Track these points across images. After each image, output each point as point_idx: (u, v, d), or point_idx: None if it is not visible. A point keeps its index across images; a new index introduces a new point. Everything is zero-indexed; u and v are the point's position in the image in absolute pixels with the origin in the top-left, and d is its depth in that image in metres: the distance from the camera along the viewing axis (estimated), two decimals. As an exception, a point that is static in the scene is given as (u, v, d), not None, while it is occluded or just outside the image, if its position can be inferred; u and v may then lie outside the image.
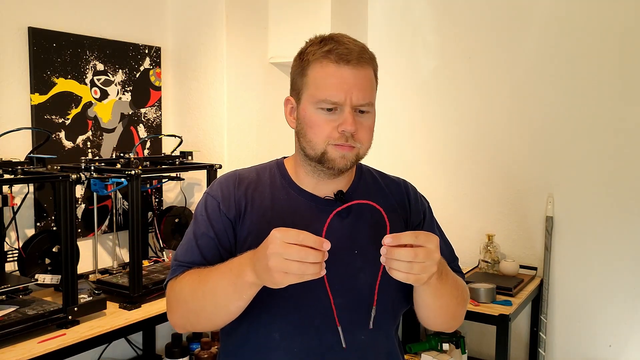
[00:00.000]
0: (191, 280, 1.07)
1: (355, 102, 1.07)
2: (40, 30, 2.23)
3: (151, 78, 2.70)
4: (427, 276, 0.95)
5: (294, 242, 0.89)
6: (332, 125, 1.07)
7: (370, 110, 1.11)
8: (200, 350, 2.58)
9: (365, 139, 1.10)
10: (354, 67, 1.07)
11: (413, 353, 2.67)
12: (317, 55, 1.09)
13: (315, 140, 1.10)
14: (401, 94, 3.06)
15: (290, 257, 0.89)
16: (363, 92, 1.08)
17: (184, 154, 2.56)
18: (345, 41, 1.10)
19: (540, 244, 2.74)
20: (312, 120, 1.09)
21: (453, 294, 1.13)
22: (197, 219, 1.16)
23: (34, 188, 2.21)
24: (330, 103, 1.07)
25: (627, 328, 2.55)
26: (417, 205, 1.24)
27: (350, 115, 1.06)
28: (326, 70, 1.08)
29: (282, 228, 0.92)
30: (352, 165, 1.11)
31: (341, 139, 1.07)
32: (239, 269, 0.99)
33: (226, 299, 1.03)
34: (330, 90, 1.07)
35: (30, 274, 2.04)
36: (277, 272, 0.90)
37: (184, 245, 1.16)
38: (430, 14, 2.97)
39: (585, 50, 2.60)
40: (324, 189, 1.16)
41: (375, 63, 1.14)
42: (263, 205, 1.15)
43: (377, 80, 1.17)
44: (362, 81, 1.08)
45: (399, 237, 0.93)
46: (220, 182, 1.19)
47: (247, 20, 2.77)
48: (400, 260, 0.92)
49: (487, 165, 2.86)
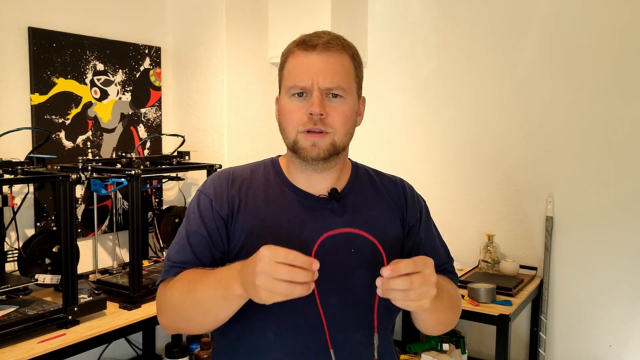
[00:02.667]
0: (181, 287, 1.07)
1: (322, 85, 1.07)
2: (40, 30, 2.23)
3: (151, 78, 2.70)
4: (428, 301, 0.94)
5: (283, 262, 0.88)
6: (302, 111, 1.08)
7: (344, 96, 1.09)
8: (200, 350, 2.58)
9: (338, 124, 1.09)
10: (321, 52, 1.08)
11: (413, 353, 2.67)
12: (290, 48, 1.13)
13: (287, 128, 1.11)
14: (401, 94, 3.07)
15: (278, 276, 0.87)
16: (331, 76, 1.07)
17: (181, 154, 2.56)
18: (319, 33, 1.12)
19: (540, 244, 2.74)
20: (286, 108, 1.11)
21: (448, 307, 1.14)
22: (190, 217, 1.15)
23: (34, 188, 2.21)
24: (298, 88, 1.08)
25: (627, 328, 2.55)
26: (414, 204, 1.24)
27: (317, 98, 1.06)
28: (296, 60, 1.10)
29: (272, 246, 0.90)
30: (326, 153, 1.09)
31: (310, 123, 1.07)
32: (227, 281, 0.98)
33: (215, 309, 1.03)
34: (299, 76, 1.08)
35: (30, 274, 2.04)
36: (264, 291, 0.88)
37: (176, 244, 1.15)
38: (430, 14, 2.97)
39: (585, 50, 2.60)
40: (318, 186, 1.16)
41: (352, 52, 1.13)
42: (257, 203, 1.14)
43: (359, 73, 1.15)
44: (331, 65, 1.08)
45: (397, 269, 0.92)
46: (214, 179, 1.18)
47: (247, 20, 2.77)
48: (397, 290, 0.92)
49: (487, 165, 2.86)
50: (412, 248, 1.21)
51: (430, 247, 1.23)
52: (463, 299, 2.37)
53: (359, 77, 1.15)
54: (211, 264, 1.12)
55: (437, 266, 1.22)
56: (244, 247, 1.11)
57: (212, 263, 1.12)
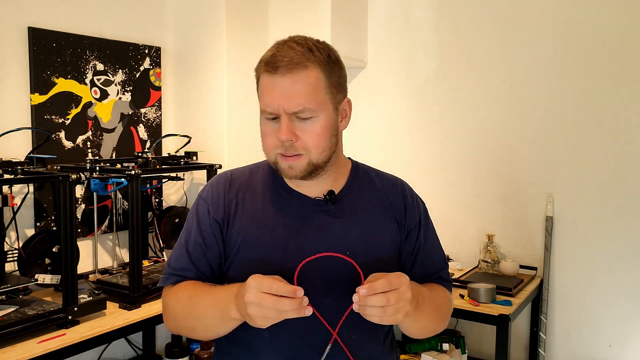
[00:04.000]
0: (182, 300, 1.11)
1: (287, 110, 1.05)
2: (40, 30, 2.23)
3: (151, 78, 2.70)
4: (402, 315, 0.98)
5: (268, 292, 0.93)
6: (276, 135, 1.07)
7: (313, 115, 1.06)
8: (200, 350, 2.58)
9: (311, 145, 1.07)
10: (283, 74, 1.04)
11: (413, 353, 2.67)
12: (258, 66, 1.11)
13: (266, 149, 1.12)
14: (401, 94, 3.06)
15: (266, 306, 0.93)
16: (295, 99, 1.04)
17: (188, 154, 2.57)
18: (285, 47, 1.06)
19: (540, 244, 2.74)
20: (262, 130, 1.12)
21: (431, 316, 1.15)
22: (189, 224, 1.18)
23: (34, 188, 2.21)
24: (268, 113, 1.08)
25: (627, 328, 2.55)
26: (413, 208, 1.23)
27: (285, 124, 1.05)
28: (263, 82, 1.09)
29: (258, 276, 0.95)
30: (305, 173, 1.09)
31: (282, 148, 1.07)
32: (225, 303, 1.03)
33: (215, 326, 1.09)
34: (266, 100, 1.08)
35: (30, 274, 2.04)
36: (258, 318, 0.95)
37: (176, 250, 1.19)
38: (430, 14, 2.97)
39: (585, 51, 2.60)
40: (314, 188, 1.16)
41: (323, 62, 1.06)
42: (254, 206, 1.15)
43: (335, 79, 1.09)
44: (294, 87, 1.04)
45: (373, 287, 0.95)
46: (212, 184, 1.20)
47: (247, 20, 2.77)
48: (374, 306, 0.95)
49: (487, 165, 2.86)
50: (410, 252, 1.21)
51: (427, 252, 1.23)
52: (463, 299, 2.37)
53: (334, 85, 1.09)
54: (208, 271, 1.16)
55: (431, 274, 1.23)
56: (240, 249, 1.13)
57: (209, 270, 1.16)
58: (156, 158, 2.31)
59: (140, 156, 2.34)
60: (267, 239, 1.12)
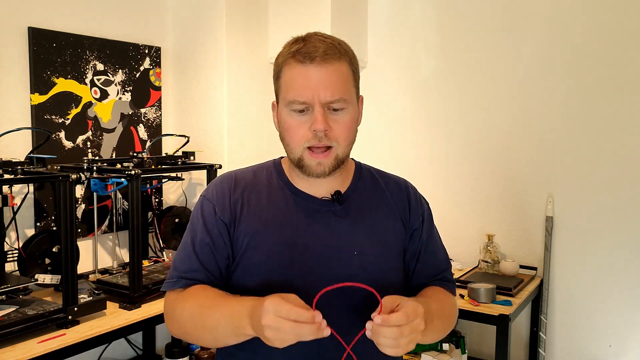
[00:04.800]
0: (191, 308, 1.07)
1: (323, 100, 1.04)
2: (40, 30, 2.23)
3: (151, 78, 2.70)
4: (413, 345, 0.97)
5: (286, 318, 0.90)
6: (306, 127, 1.06)
7: (345, 107, 1.07)
8: (200, 350, 2.58)
9: (342, 137, 1.07)
10: (320, 64, 1.05)
11: (413, 353, 2.67)
12: (285, 57, 1.08)
13: (292, 144, 1.09)
14: (401, 94, 3.06)
15: (285, 331, 0.90)
16: (331, 89, 1.05)
17: (186, 154, 2.57)
18: (313, 40, 1.07)
19: (540, 244, 2.74)
20: (287, 123, 1.09)
21: (438, 328, 1.14)
22: (194, 224, 1.16)
23: (34, 188, 2.21)
24: (299, 104, 1.05)
25: (627, 328, 2.55)
26: (417, 208, 1.23)
27: (320, 114, 1.04)
28: (293, 72, 1.07)
29: (275, 300, 0.92)
30: (331, 170, 1.09)
31: (315, 139, 1.06)
32: (239, 319, 0.99)
33: (226, 338, 1.05)
34: (298, 90, 1.05)
35: (30, 274, 2.04)
36: (275, 340, 0.92)
37: (182, 251, 1.15)
38: (430, 13, 2.97)
39: (586, 51, 2.60)
40: (320, 189, 1.15)
41: (350, 57, 1.10)
42: (259, 206, 1.14)
43: (357, 75, 1.12)
44: (330, 77, 1.05)
45: (388, 319, 0.93)
46: (216, 184, 1.18)
47: (247, 20, 2.77)
48: (387, 338, 0.94)
49: (487, 165, 2.86)
50: (415, 252, 1.21)
51: (431, 253, 1.23)
52: (463, 298, 2.37)
53: (356, 80, 1.12)
54: (217, 272, 1.12)
55: (435, 274, 1.23)
56: (247, 250, 1.11)
57: (218, 271, 1.13)
58: (151, 158, 2.30)
59: (135, 156, 2.33)
60: (274, 239, 1.11)
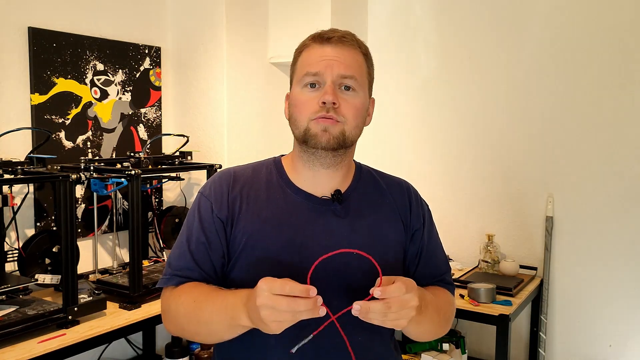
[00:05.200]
0: (186, 304, 1.07)
1: (336, 72, 1.07)
2: (40, 30, 2.23)
3: (151, 78, 2.70)
4: (405, 322, 0.97)
5: (280, 294, 0.89)
6: (315, 102, 1.08)
7: (356, 89, 1.10)
8: (200, 350, 2.58)
9: (349, 115, 1.09)
10: (336, 44, 1.10)
11: (413, 353, 2.67)
12: (304, 42, 1.14)
13: (299, 118, 1.10)
14: (401, 94, 3.06)
15: (280, 308, 0.89)
16: (345, 65, 1.08)
17: (183, 154, 2.56)
18: (333, 29, 1.13)
19: (540, 244, 2.74)
20: (298, 99, 1.11)
21: (434, 320, 1.14)
22: (190, 221, 1.15)
23: (34, 188, 2.21)
24: (311, 75, 1.08)
25: (627, 328, 2.55)
26: (418, 209, 1.23)
27: (331, 87, 1.07)
28: (310, 52, 1.11)
29: (268, 278, 0.92)
30: (336, 142, 1.08)
31: (322, 111, 1.07)
32: (234, 310, 0.99)
33: (221, 332, 1.05)
34: (312, 64, 1.09)
35: (30, 274, 2.04)
36: (271, 322, 0.91)
37: (177, 248, 1.15)
38: (430, 13, 2.97)
39: (585, 50, 2.60)
40: (321, 187, 1.15)
41: (364, 50, 1.14)
42: (258, 204, 1.13)
43: (371, 75, 1.16)
44: (345, 56, 1.09)
45: (386, 290, 0.94)
46: (214, 181, 1.17)
47: (247, 20, 2.77)
48: (375, 312, 0.94)
49: (487, 165, 2.86)
50: (415, 253, 1.21)
51: (431, 254, 1.23)
52: (463, 298, 2.37)
53: (370, 76, 1.15)
54: (211, 271, 1.12)
55: (435, 276, 1.23)
56: (245, 249, 1.10)
57: (213, 270, 1.12)
58: (149, 158, 2.29)
59: (132, 156, 2.33)
60: (273, 237, 1.10)
